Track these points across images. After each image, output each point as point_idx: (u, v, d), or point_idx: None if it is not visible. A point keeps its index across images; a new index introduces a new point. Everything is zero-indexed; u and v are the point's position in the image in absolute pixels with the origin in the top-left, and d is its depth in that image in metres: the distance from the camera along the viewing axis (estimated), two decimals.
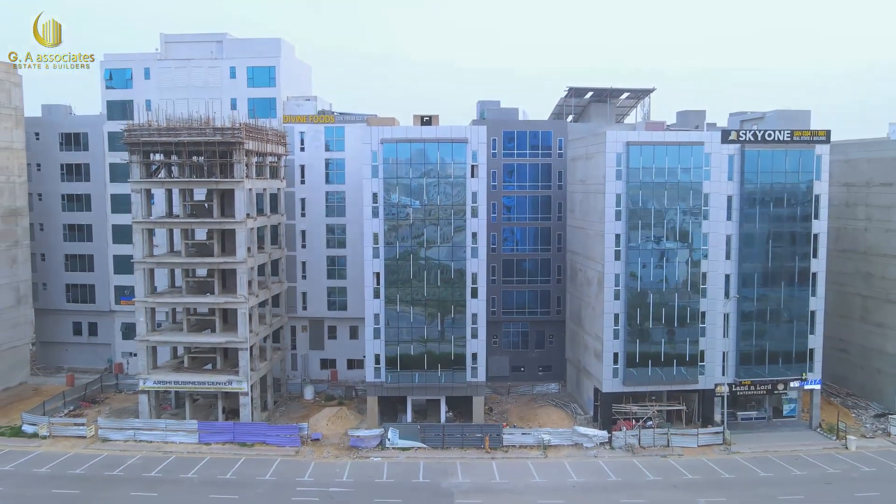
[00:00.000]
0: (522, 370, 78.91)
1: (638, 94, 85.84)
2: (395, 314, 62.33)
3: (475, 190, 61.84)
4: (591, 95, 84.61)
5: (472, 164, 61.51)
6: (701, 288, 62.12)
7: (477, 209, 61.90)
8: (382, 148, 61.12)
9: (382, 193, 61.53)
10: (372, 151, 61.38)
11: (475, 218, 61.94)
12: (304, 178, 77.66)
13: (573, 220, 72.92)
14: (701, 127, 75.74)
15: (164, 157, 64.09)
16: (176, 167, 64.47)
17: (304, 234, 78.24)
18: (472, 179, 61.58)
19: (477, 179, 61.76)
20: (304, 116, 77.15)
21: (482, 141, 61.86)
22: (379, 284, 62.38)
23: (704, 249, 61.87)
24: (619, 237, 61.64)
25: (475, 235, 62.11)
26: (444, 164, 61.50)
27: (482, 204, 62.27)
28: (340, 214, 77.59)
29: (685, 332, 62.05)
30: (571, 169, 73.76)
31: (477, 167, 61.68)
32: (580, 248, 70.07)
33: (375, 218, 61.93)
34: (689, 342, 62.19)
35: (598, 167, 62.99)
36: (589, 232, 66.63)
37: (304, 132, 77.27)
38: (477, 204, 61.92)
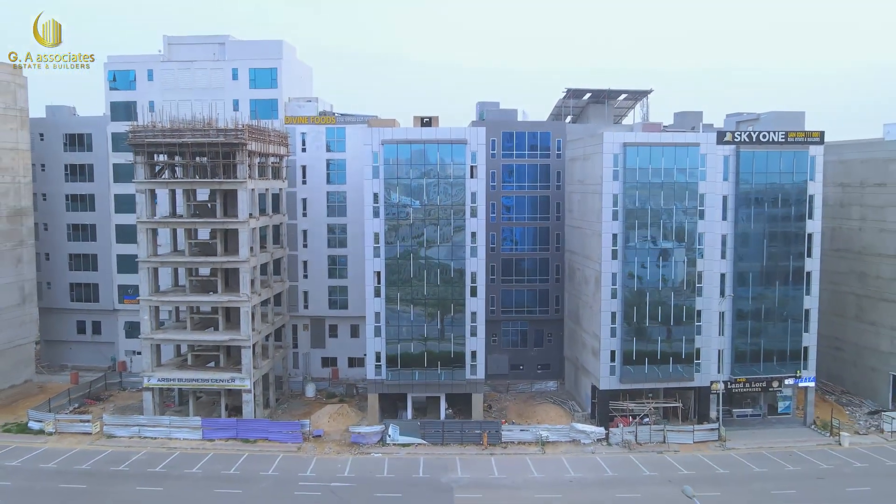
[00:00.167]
0: (521, 368, 79.76)
1: (636, 95, 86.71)
2: (395, 313, 63.24)
3: (474, 190, 62.75)
4: (589, 97, 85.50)
5: (471, 164, 62.43)
6: (697, 287, 62.99)
7: (476, 209, 62.80)
8: (383, 149, 62.04)
9: (383, 193, 62.44)
10: (373, 152, 62.32)
11: (474, 218, 62.85)
12: (305, 178, 78.54)
13: (571, 219, 73.81)
14: (697, 128, 76.53)
15: (167, 157, 64.86)
16: (179, 168, 65.30)
17: (305, 233, 79.13)
18: (471, 180, 62.49)
19: (476, 180, 62.67)
20: (305, 117, 78.03)
21: (481, 142, 62.78)
22: (379, 283, 63.27)
23: (700, 249, 62.73)
24: (616, 237, 62.50)
25: (474, 235, 63.01)
26: (443, 164, 62.42)
27: (481, 204, 63.15)
28: (341, 214, 78.48)
29: (681, 330, 62.95)
30: (570, 169, 74.66)
31: (476, 168, 62.58)
32: (578, 247, 70.97)
33: (376, 218, 62.84)
34: (685, 340, 63.08)
35: (595, 168, 63.90)
36: (587, 231, 67.52)
37: (305, 133, 78.15)
38: (476, 204, 62.83)
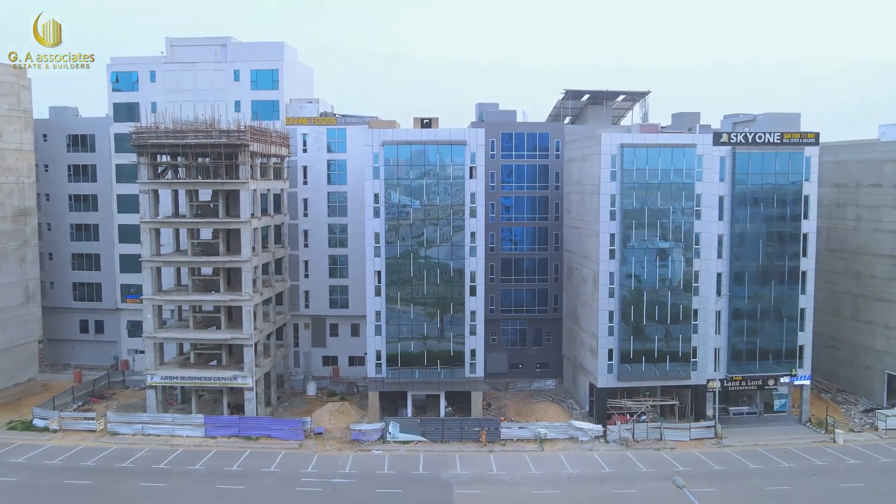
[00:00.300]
0: (520, 367, 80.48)
1: (633, 96, 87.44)
2: (395, 312, 63.98)
3: (474, 191, 63.48)
4: (587, 98, 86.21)
5: (470, 165, 63.17)
6: (693, 286, 63.75)
7: (475, 209, 63.54)
8: (383, 150, 62.78)
9: (383, 194, 63.17)
10: (373, 153, 63.06)
11: (474, 218, 63.58)
12: (306, 178, 79.26)
13: (570, 219, 74.56)
14: (694, 129, 77.18)
15: (170, 158, 65.61)
16: (182, 168, 66.03)
17: (306, 233, 79.85)
18: (470, 180, 63.22)
19: (475, 180, 63.40)
20: (306, 119, 78.77)
21: (480, 143, 63.51)
22: (380, 283, 64.00)
23: (697, 248, 63.46)
24: (613, 237, 63.22)
25: (474, 235, 63.74)
26: (443, 165, 63.17)
27: (480, 204, 63.88)
28: (342, 214, 79.22)
29: (678, 329, 63.71)
30: (568, 170, 75.41)
31: (475, 168, 63.32)
32: (576, 247, 71.71)
33: (376, 218, 63.58)
34: (681, 339, 63.84)
35: (593, 168, 64.66)
36: (585, 231, 68.26)
37: (306, 134, 78.88)
38: (475, 204, 63.56)
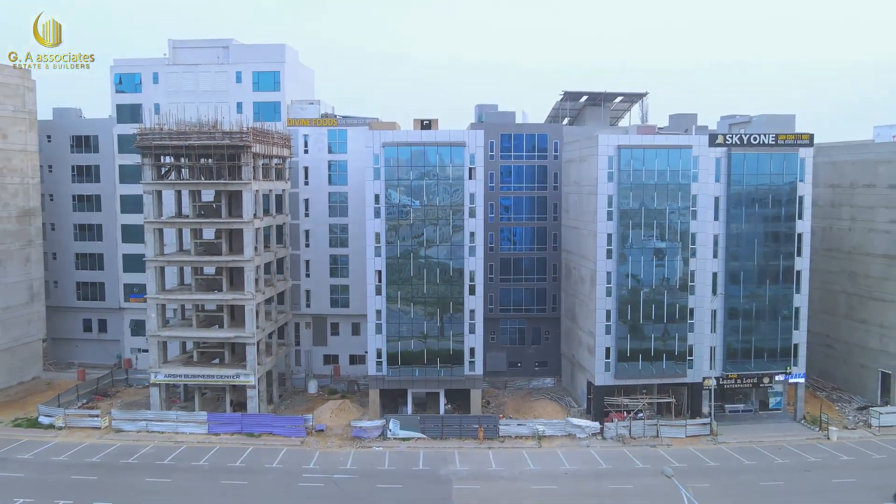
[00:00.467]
0: (519, 365, 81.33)
1: (631, 97, 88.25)
2: (395, 311, 64.86)
3: (473, 191, 64.37)
4: (585, 99, 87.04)
5: (469, 166, 64.06)
6: (689, 285, 64.64)
7: (475, 209, 64.43)
8: (384, 151, 63.68)
9: (384, 194, 64.05)
10: (374, 154, 63.97)
11: (473, 218, 64.47)
12: (307, 179, 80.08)
13: (568, 220, 75.44)
14: (691, 130, 78.00)
15: (174, 159, 66.50)
16: (185, 169, 66.90)
17: (307, 233, 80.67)
18: (469, 181, 64.12)
19: (475, 181, 64.30)
20: (307, 120, 79.60)
21: (479, 144, 64.41)
22: (380, 282, 64.89)
23: (693, 248, 64.37)
24: (611, 237, 64.09)
25: (473, 235, 64.61)
26: (443, 166, 64.08)
27: (480, 205, 64.76)
28: (343, 214, 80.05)
29: (674, 327, 64.59)
30: (566, 171, 76.30)
31: (474, 169, 64.21)
32: (574, 247, 72.59)
33: (377, 218, 64.46)
34: (678, 337, 64.73)
35: (590, 169, 65.54)
36: (583, 231, 69.15)
37: (307, 135, 79.69)
38: (475, 205, 64.45)
